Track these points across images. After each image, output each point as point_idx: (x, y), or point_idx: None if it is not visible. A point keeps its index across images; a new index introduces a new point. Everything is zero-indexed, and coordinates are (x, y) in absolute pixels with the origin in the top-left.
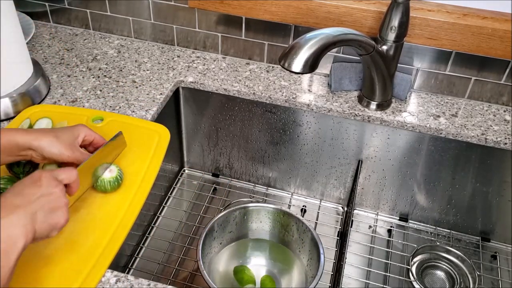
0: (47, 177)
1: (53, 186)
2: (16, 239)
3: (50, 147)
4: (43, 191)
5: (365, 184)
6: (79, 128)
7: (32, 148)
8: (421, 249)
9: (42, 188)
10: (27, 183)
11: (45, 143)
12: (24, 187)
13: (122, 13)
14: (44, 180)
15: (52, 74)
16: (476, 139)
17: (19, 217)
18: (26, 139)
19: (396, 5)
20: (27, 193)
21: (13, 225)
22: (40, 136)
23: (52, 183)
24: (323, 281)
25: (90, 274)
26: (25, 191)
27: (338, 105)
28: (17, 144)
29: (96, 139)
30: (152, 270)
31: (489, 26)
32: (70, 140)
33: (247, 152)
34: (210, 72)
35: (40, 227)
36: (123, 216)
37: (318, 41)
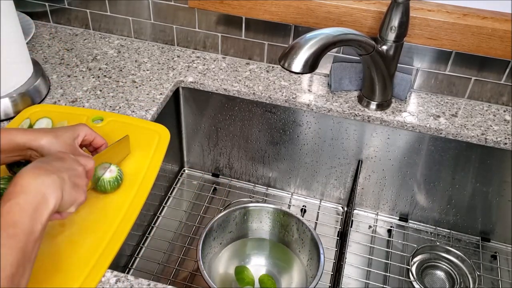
0: (70, 157)
1: (76, 164)
2: (48, 197)
3: (49, 147)
4: (69, 166)
5: (365, 184)
6: (79, 127)
7: (31, 148)
8: (421, 249)
9: (67, 163)
10: (52, 158)
11: (44, 143)
12: (52, 160)
13: (122, 13)
14: (68, 159)
15: (52, 74)
16: (476, 139)
17: (52, 179)
18: (26, 139)
19: (396, 5)
20: (56, 164)
21: (45, 185)
22: (39, 136)
23: (76, 162)
24: (323, 281)
25: (90, 274)
26: (54, 162)
27: (338, 105)
28: (17, 144)
29: (96, 139)
30: (152, 270)
31: (489, 26)
32: (69, 140)
33: (247, 152)
34: (210, 72)
35: (66, 196)
36: (123, 216)
37: (318, 41)
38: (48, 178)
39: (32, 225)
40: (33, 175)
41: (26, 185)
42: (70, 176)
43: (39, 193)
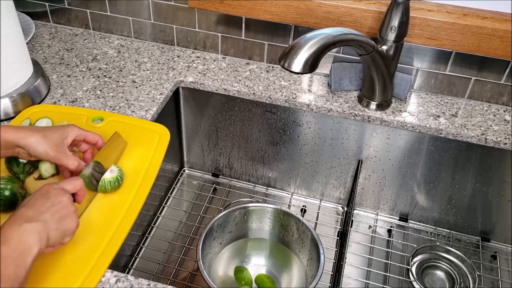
0: (55, 189)
1: (60, 195)
2: (31, 245)
3: (36, 146)
4: (52, 201)
5: (365, 184)
6: (69, 128)
7: (19, 145)
8: (421, 249)
9: (51, 199)
10: (37, 196)
11: (31, 142)
12: (34, 200)
13: (122, 13)
14: (52, 192)
15: (52, 74)
16: (476, 139)
17: (32, 225)
18: (14, 137)
19: (396, 5)
20: (37, 205)
21: (27, 232)
22: (28, 134)
23: (60, 192)
24: (323, 281)
25: (90, 274)
26: (36, 203)
27: (338, 105)
28: (5, 141)
29: (88, 137)
30: (152, 270)
31: (489, 26)
32: (57, 141)
33: (247, 152)
34: (210, 72)
35: (52, 234)
36: (123, 216)
37: (318, 41)
38: (28, 225)
39: (16, 273)
40: (13, 225)
41: (7, 236)
42: (54, 213)
43: (21, 243)
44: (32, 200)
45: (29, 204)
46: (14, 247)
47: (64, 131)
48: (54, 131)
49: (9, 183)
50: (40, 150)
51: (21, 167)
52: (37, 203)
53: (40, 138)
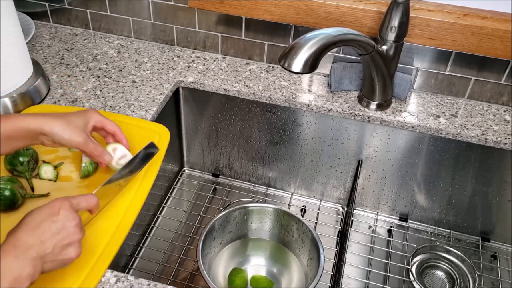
0: (65, 210)
1: (70, 219)
2: (22, 280)
3: (61, 133)
4: (58, 227)
5: (365, 184)
6: (90, 114)
7: (43, 133)
8: (421, 249)
9: (58, 223)
10: (43, 216)
11: (56, 128)
12: (39, 221)
13: (122, 13)
14: (61, 214)
15: (52, 74)
16: (476, 139)
17: (29, 258)
18: (38, 124)
19: (396, 5)
20: (42, 229)
21: (22, 266)
22: (51, 121)
23: (70, 216)
24: (323, 281)
25: (90, 274)
26: (41, 226)
27: (338, 105)
28: (30, 129)
29: (108, 125)
30: (152, 270)
31: (489, 26)
32: (81, 127)
33: (247, 152)
34: (210, 72)
35: (48, 265)
36: (123, 216)
37: (318, 41)
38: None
39: None
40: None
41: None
42: (57, 242)
43: (13, 278)
44: (37, 220)
45: (33, 226)
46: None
47: (86, 117)
48: (77, 117)
49: (9, 183)
50: (65, 138)
51: (25, 165)
52: (41, 227)
53: (64, 124)
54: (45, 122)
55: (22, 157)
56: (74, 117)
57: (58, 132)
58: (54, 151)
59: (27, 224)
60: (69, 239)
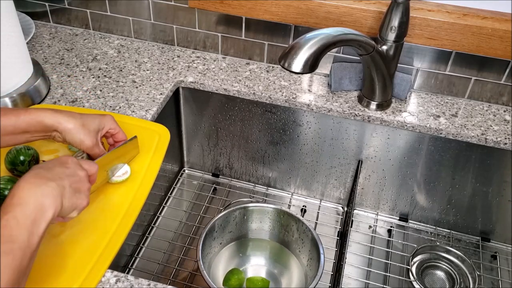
0: (74, 162)
1: (79, 169)
2: (46, 208)
3: (74, 134)
4: (71, 171)
5: (365, 184)
6: (107, 119)
7: (57, 130)
8: (421, 249)
9: (70, 169)
10: (54, 163)
11: (71, 128)
12: (53, 166)
13: (122, 13)
14: (71, 164)
15: (52, 74)
16: (476, 139)
17: (51, 188)
18: (54, 121)
19: (396, 5)
20: (56, 170)
21: (45, 195)
22: (67, 120)
23: (78, 167)
24: (323, 281)
25: (90, 274)
26: (55, 169)
27: (338, 105)
28: (45, 125)
29: (119, 134)
30: (152, 270)
31: (489, 26)
32: (95, 131)
33: (247, 152)
34: (210, 72)
35: (66, 203)
36: (123, 216)
37: (318, 41)
38: (47, 187)
39: (29, 239)
40: (31, 185)
41: (23, 196)
42: (71, 182)
43: (37, 205)
44: (49, 165)
45: (47, 167)
46: (30, 211)
47: (101, 122)
48: (92, 121)
49: (9, 183)
50: (76, 139)
51: (26, 166)
52: (55, 169)
53: (79, 126)
54: (61, 120)
55: (23, 156)
56: (90, 120)
57: (71, 133)
58: (54, 151)
59: (41, 167)
60: (80, 184)
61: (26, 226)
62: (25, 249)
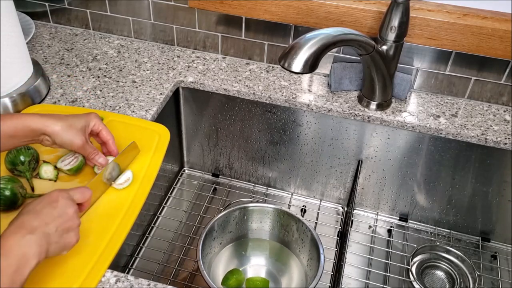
0: (64, 198)
1: (68, 206)
2: (29, 258)
3: (62, 135)
4: (58, 212)
5: (365, 184)
6: (90, 117)
7: (45, 133)
8: (421, 249)
9: (58, 209)
10: (43, 204)
11: (58, 130)
12: (41, 208)
13: (122, 13)
14: (60, 202)
15: (52, 74)
16: (476, 139)
17: (35, 238)
18: (41, 125)
19: (396, 5)
20: (44, 213)
21: (28, 245)
22: (54, 122)
23: (68, 203)
24: (323, 281)
25: (90, 274)
26: (43, 211)
27: (338, 105)
28: (32, 129)
29: (103, 132)
30: (152, 270)
31: (489, 26)
32: (83, 130)
33: (247, 152)
34: (210, 72)
35: (52, 247)
36: (123, 216)
37: (318, 41)
38: (31, 237)
39: (12, 284)
40: (15, 235)
41: (7, 247)
42: (59, 225)
43: (20, 255)
44: (38, 207)
45: (34, 212)
46: (12, 261)
47: (87, 120)
48: (78, 120)
49: (9, 183)
50: (66, 140)
51: (26, 165)
52: (43, 212)
53: (66, 127)
54: (47, 123)
55: (23, 156)
56: (75, 119)
57: (60, 134)
58: (54, 151)
59: (29, 211)
60: (70, 223)
61: (8, 274)
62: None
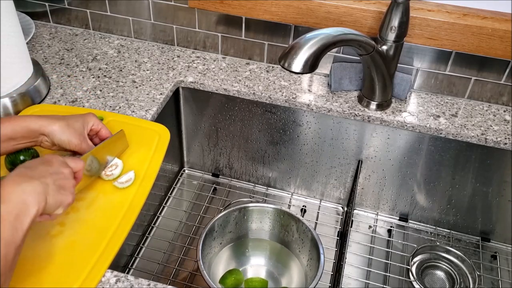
0: (58, 160)
1: (63, 167)
2: (29, 205)
3: (60, 134)
4: (54, 169)
5: (365, 184)
6: (88, 117)
7: (44, 133)
8: (421, 249)
9: (53, 167)
10: (38, 162)
11: (56, 130)
12: (37, 164)
13: (122, 13)
14: (55, 162)
15: (52, 74)
16: (476, 139)
17: (33, 185)
18: (39, 125)
19: (396, 5)
20: (40, 169)
21: (27, 192)
22: (52, 122)
23: (62, 164)
24: (323, 281)
25: (90, 274)
26: (38, 167)
27: (338, 105)
28: (31, 129)
29: (102, 130)
30: (152, 270)
31: (489, 26)
32: (80, 129)
33: (247, 152)
34: (210, 72)
35: (50, 200)
36: (123, 216)
37: (318, 41)
38: (30, 185)
39: (13, 234)
40: (14, 183)
41: (6, 194)
42: (55, 180)
43: (20, 202)
44: (32, 164)
45: (30, 166)
46: (12, 208)
47: (85, 120)
48: (76, 120)
49: None
50: (64, 139)
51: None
52: (38, 167)
53: (64, 126)
54: (45, 123)
55: (24, 156)
56: (73, 120)
57: (58, 134)
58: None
59: (25, 166)
60: (64, 181)
61: (9, 222)
62: (9, 245)
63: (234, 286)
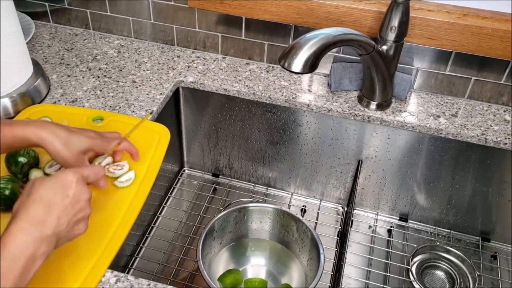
0: (79, 183)
1: (83, 193)
2: (37, 258)
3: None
4: (71, 201)
5: (365, 184)
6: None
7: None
8: (421, 249)
9: (71, 198)
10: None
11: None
12: (53, 195)
13: (122, 13)
14: (75, 187)
15: (52, 74)
16: (476, 139)
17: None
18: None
19: (396, 5)
20: (55, 204)
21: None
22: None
23: (83, 189)
24: (323, 281)
25: (90, 274)
26: (54, 200)
27: (338, 105)
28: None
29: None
30: (152, 270)
31: (489, 26)
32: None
33: (247, 152)
34: (210, 72)
35: (60, 242)
36: (123, 216)
37: (318, 41)
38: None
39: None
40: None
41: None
42: (71, 217)
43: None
44: (49, 194)
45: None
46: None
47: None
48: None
49: (10, 182)
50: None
51: (19, 167)
52: (54, 202)
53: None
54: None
55: (23, 157)
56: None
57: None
58: None
59: (41, 200)
60: (82, 214)
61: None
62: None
63: (232, 285)
